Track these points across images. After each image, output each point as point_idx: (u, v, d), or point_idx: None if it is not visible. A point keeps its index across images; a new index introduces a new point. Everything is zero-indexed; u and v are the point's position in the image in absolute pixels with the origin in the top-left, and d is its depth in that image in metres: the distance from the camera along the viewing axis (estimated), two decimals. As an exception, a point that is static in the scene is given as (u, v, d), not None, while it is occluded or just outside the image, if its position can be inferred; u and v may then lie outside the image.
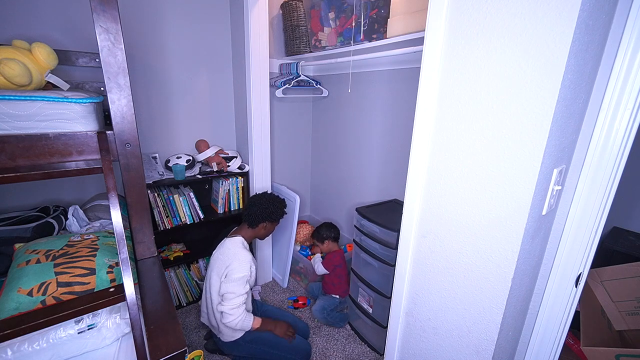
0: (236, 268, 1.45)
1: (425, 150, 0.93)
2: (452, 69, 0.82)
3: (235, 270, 1.45)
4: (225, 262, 1.49)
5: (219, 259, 1.53)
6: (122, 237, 0.85)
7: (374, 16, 1.69)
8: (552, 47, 0.64)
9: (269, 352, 1.55)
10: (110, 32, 0.94)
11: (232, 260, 1.47)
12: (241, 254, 1.50)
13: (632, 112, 0.78)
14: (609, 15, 0.75)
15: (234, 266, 1.45)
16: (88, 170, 0.97)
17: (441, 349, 1.02)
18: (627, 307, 1.57)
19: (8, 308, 0.84)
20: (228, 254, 1.51)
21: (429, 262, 1.00)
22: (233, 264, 1.46)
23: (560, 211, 0.94)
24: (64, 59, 1.49)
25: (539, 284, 1.03)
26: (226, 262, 1.48)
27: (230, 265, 1.46)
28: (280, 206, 1.70)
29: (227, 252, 1.52)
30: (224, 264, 1.49)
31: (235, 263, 1.46)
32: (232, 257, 1.49)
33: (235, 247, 1.53)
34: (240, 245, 1.55)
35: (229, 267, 1.46)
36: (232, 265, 1.46)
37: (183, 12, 1.90)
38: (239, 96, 2.14)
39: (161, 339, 0.85)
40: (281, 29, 2.30)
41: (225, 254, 1.52)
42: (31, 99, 0.88)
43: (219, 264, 1.51)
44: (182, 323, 1.94)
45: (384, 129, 2.00)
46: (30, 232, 1.24)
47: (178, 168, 1.85)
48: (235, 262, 1.46)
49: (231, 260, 1.47)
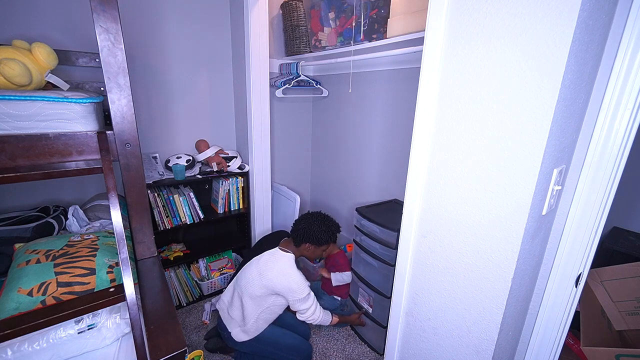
0: (296, 291, 1.46)
1: (425, 150, 0.93)
2: (452, 69, 0.82)
3: (296, 293, 1.46)
4: (279, 280, 1.46)
5: (269, 267, 1.48)
6: (122, 237, 0.85)
7: (374, 16, 1.69)
8: (552, 47, 0.64)
9: (271, 352, 1.56)
10: (110, 32, 0.94)
11: (289, 283, 1.45)
12: (296, 276, 1.47)
13: (632, 112, 0.78)
14: (609, 15, 0.75)
15: (293, 290, 1.46)
16: (88, 170, 0.97)
17: (441, 349, 1.02)
18: (627, 307, 1.57)
19: (8, 308, 0.84)
20: (284, 274, 1.47)
21: (429, 262, 1.00)
22: (292, 288, 1.45)
23: (560, 211, 0.94)
24: (64, 59, 1.49)
25: (539, 284, 1.03)
26: (281, 281, 1.46)
27: (289, 288, 1.46)
28: (327, 230, 1.57)
29: (283, 271, 1.48)
30: (278, 281, 1.46)
31: (293, 287, 1.46)
32: (288, 279, 1.46)
33: (290, 267, 1.49)
34: (293, 264, 1.51)
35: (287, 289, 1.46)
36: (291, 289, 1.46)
37: (183, 12, 1.90)
38: (239, 96, 2.14)
39: (161, 339, 0.85)
40: (281, 29, 2.30)
41: (282, 272, 1.47)
42: (31, 99, 0.88)
43: (270, 276, 1.46)
44: (182, 323, 1.94)
45: (384, 129, 2.00)
46: (30, 232, 1.24)
47: (178, 168, 1.85)
48: (293, 286, 1.46)
49: (288, 283, 1.45)
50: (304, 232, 1.53)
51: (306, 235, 1.53)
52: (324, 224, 1.57)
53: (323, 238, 1.55)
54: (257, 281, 1.48)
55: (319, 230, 1.54)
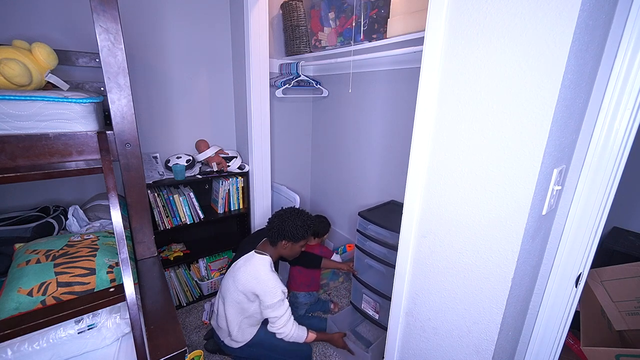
0: (268, 296, 1.38)
1: (425, 150, 0.93)
2: (452, 69, 0.82)
3: (268, 298, 1.38)
4: (252, 284, 1.39)
5: (243, 273, 1.42)
6: (122, 237, 0.85)
7: (374, 16, 1.69)
8: (552, 47, 0.64)
9: (270, 356, 1.55)
10: (110, 32, 0.94)
11: (261, 288, 1.39)
12: (270, 280, 1.40)
13: (632, 112, 0.78)
14: (609, 15, 0.75)
15: (265, 294, 1.38)
16: (88, 170, 0.97)
17: (441, 349, 1.02)
18: (627, 307, 1.57)
19: (8, 308, 0.84)
20: (257, 277, 1.40)
21: (429, 262, 1.00)
22: (264, 292, 1.38)
23: (560, 211, 0.94)
24: (64, 59, 1.49)
25: (539, 284, 1.03)
26: (254, 286, 1.39)
27: (262, 293, 1.38)
28: (303, 225, 1.47)
29: (255, 275, 1.40)
30: (251, 285, 1.40)
31: (265, 291, 1.38)
32: (261, 283, 1.39)
33: (264, 270, 1.41)
34: (269, 268, 1.43)
35: (259, 293, 1.39)
36: (264, 294, 1.38)
37: (183, 12, 1.90)
38: (239, 96, 2.14)
39: (161, 339, 0.85)
40: (281, 29, 2.30)
41: (254, 276, 1.40)
42: (31, 99, 0.88)
43: (243, 281, 1.40)
44: (182, 323, 1.94)
45: (384, 128, 2.00)
46: (30, 232, 1.24)
47: (178, 168, 1.85)
48: (265, 290, 1.38)
49: (261, 287, 1.39)
50: (279, 230, 1.45)
51: (281, 232, 1.45)
52: (298, 218, 1.48)
53: (299, 233, 1.46)
54: (233, 287, 1.44)
55: (294, 226, 1.45)
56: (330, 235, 2.68)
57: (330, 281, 2.31)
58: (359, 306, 1.83)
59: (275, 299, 1.39)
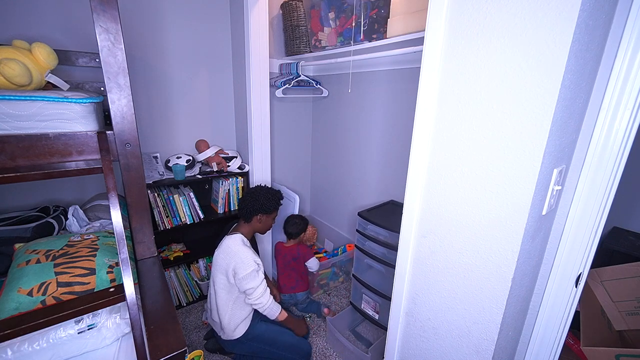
0: (241, 267, 1.44)
1: (425, 150, 0.93)
2: (452, 69, 0.82)
3: (241, 269, 1.44)
4: (226, 261, 1.48)
5: (219, 257, 1.53)
6: (122, 237, 0.85)
7: (374, 16, 1.69)
8: (552, 47, 0.64)
9: (269, 351, 1.56)
10: (110, 32, 0.94)
11: (234, 261, 1.46)
12: (241, 252, 1.48)
13: (632, 112, 0.78)
14: (609, 15, 0.75)
15: (238, 266, 1.45)
16: (88, 170, 0.97)
17: (441, 349, 1.02)
18: (627, 307, 1.57)
19: (8, 308, 0.84)
20: (228, 253, 1.50)
21: (429, 262, 1.00)
22: (237, 265, 1.45)
23: (560, 211, 0.94)
24: (64, 59, 1.49)
25: (539, 284, 1.03)
26: (228, 262, 1.48)
27: (235, 266, 1.45)
28: (272, 197, 1.65)
29: (227, 251, 1.51)
30: (225, 263, 1.49)
31: (238, 263, 1.45)
32: (233, 256, 1.47)
33: (234, 245, 1.51)
34: (240, 242, 1.53)
35: (234, 268, 1.45)
36: (237, 266, 1.45)
37: (183, 12, 1.90)
38: (239, 96, 2.14)
39: (161, 339, 0.85)
40: (281, 29, 2.30)
41: (226, 253, 1.51)
42: (31, 99, 0.88)
43: (221, 263, 1.51)
44: (182, 323, 1.94)
45: (384, 129, 2.00)
46: (30, 232, 1.24)
47: (178, 168, 1.85)
48: (238, 262, 1.45)
49: (234, 261, 1.46)
50: (253, 205, 1.58)
51: (256, 207, 1.58)
52: (268, 192, 1.65)
53: (271, 205, 1.63)
54: (215, 273, 1.53)
55: (266, 199, 1.61)
56: (329, 235, 2.68)
57: (330, 281, 2.31)
58: (359, 306, 1.83)
59: (249, 269, 1.45)
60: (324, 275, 2.24)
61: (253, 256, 1.49)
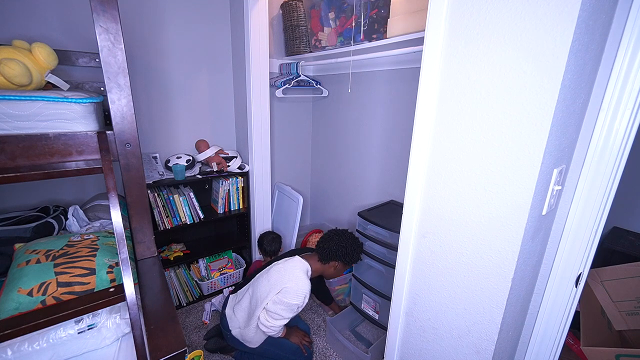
0: (292, 294, 1.40)
1: (425, 150, 0.93)
2: (452, 69, 0.82)
3: (290, 295, 1.40)
4: (284, 279, 1.43)
5: (278, 271, 1.48)
6: (122, 237, 0.85)
7: (374, 16, 1.69)
8: (552, 47, 0.64)
9: (272, 352, 1.56)
10: (110, 32, 0.94)
11: (290, 284, 1.41)
12: (302, 281, 1.43)
13: (632, 112, 0.78)
14: (609, 15, 0.75)
15: (290, 291, 1.40)
16: (88, 170, 0.97)
17: (441, 348, 1.02)
18: (627, 307, 1.57)
19: (8, 308, 0.84)
20: (290, 274, 1.44)
21: (429, 262, 1.00)
22: (290, 288, 1.40)
23: (560, 211, 0.94)
24: (64, 59, 1.49)
25: (539, 284, 1.03)
26: (284, 281, 1.43)
27: (287, 288, 1.41)
28: (358, 250, 1.58)
29: (290, 271, 1.45)
30: (281, 280, 1.43)
31: (292, 288, 1.40)
32: (293, 279, 1.42)
33: (301, 271, 1.46)
34: (306, 272, 1.48)
35: (285, 288, 1.41)
36: (289, 289, 1.40)
37: (183, 12, 1.90)
38: (239, 96, 2.14)
39: (161, 339, 0.85)
40: (281, 29, 2.30)
41: (288, 272, 1.45)
42: (31, 99, 0.88)
43: (276, 276, 1.45)
44: (182, 323, 1.94)
45: (384, 128, 2.00)
46: (30, 232, 1.24)
47: (178, 168, 1.85)
48: (292, 286, 1.41)
49: (290, 283, 1.42)
50: (337, 250, 1.52)
51: (339, 253, 1.52)
52: (355, 243, 1.57)
53: (354, 258, 1.56)
54: (260, 280, 1.49)
55: (352, 250, 1.54)
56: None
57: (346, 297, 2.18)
58: (359, 306, 1.83)
59: (296, 300, 1.39)
60: (340, 291, 2.11)
61: (307, 293, 1.43)
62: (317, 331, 1.91)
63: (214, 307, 2.04)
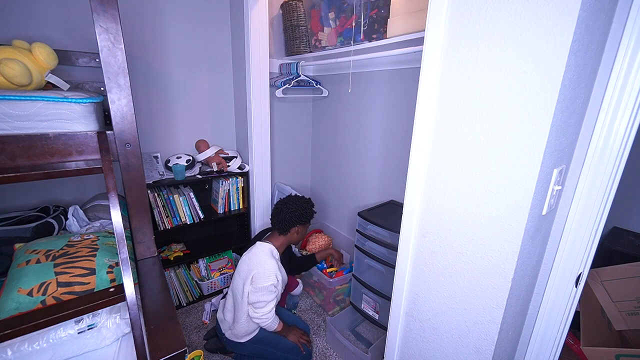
0: (261, 277, 1.42)
1: (425, 150, 0.93)
2: (452, 69, 0.82)
3: (261, 279, 1.42)
4: (250, 267, 1.46)
5: (244, 262, 1.51)
6: (122, 237, 0.85)
7: (374, 16, 1.69)
8: (552, 47, 0.64)
9: (271, 352, 1.55)
10: (110, 32, 0.94)
11: (256, 269, 1.44)
12: (267, 262, 1.45)
13: (632, 112, 0.78)
14: (609, 15, 0.75)
15: (259, 275, 1.42)
16: (88, 170, 0.97)
17: (441, 348, 1.02)
18: (627, 307, 1.57)
19: (8, 308, 0.84)
20: (254, 260, 1.47)
21: (429, 262, 1.00)
22: (258, 274, 1.43)
23: (560, 211, 0.94)
24: (64, 59, 1.49)
25: (539, 284, 1.03)
26: (251, 268, 1.46)
27: (255, 275, 1.43)
28: (308, 206, 1.64)
29: (253, 258, 1.48)
30: (248, 269, 1.46)
31: (260, 272, 1.43)
32: (257, 264, 1.45)
33: (263, 254, 1.49)
34: (269, 253, 1.50)
35: (254, 276, 1.43)
36: (257, 275, 1.43)
37: (183, 12, 1.90)
38: (239, 96, 2.14)
39: (161, 339, 0.85)
40: (281, 29, 2.30)
41: (252, 260, 1.48)
42: (31, 99, 0.88)
43: (244, 268, 1.49)
44: (182, 323, 1.94)
45: (384, 128, 2.00)
46: (30, 232, 1.24)
47: (178, 168, 1.85)
48: (260, 271, 1.43)
49: (256, 269, 1.44)
50: (290, 217, 1.55)
51: (293, 218, 1.56)
52: (302, 201, 1.63)
53: (309, 214, 1.62)
54: (235, 276, 1.52)
55: (302, 209, 1.59)
56: (329, 234, 2.68)
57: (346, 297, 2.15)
58: (359, 306, 1.83)
59: (267, 282, 1.42)
60: (340, 291, 2.09)
61: (276, 270, 1.46)
62: (317, 331, 1.91)
63: (214, 307, 2.04)
